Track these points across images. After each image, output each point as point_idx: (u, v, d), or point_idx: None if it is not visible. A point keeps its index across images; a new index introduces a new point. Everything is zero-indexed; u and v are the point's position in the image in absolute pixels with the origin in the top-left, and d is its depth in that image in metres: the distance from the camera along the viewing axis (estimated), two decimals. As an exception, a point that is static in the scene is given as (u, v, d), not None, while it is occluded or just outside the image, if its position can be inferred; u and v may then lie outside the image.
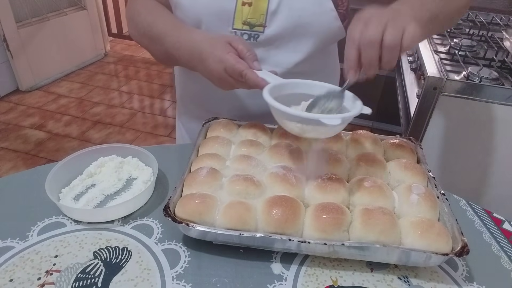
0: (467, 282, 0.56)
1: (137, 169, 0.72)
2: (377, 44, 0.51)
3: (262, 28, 0.74)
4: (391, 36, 0.51)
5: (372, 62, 0.53)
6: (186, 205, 0.57)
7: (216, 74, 0.65)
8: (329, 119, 0.53)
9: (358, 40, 0.52)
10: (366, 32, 0.52)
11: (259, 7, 0.73)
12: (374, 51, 0.52)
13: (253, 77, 0.61)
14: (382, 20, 0.52)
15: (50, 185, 0.63)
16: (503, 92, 1.14)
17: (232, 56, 0.63)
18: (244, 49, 0.64)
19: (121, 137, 2.48)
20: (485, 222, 0.68)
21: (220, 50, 0.63)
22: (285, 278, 0.54)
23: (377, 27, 0.51)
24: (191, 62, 0.69)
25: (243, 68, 0.62)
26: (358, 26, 0.53)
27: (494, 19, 1.73)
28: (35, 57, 2.94)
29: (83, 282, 0.53)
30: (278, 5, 0.72)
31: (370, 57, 0.52)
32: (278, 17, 0.73)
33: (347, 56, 0.55)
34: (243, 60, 0.63)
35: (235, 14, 0.74)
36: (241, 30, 0.75)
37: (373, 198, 0.59)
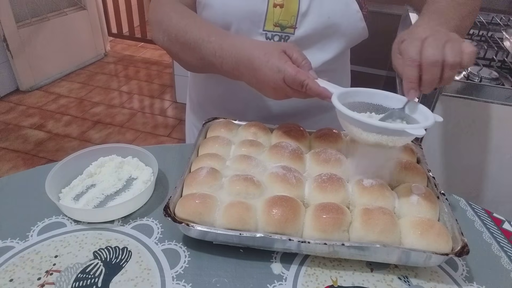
0: (467, 282, 0.56)
1: (137, 169, 0.72)
2: (440, 64, 0.53)
3: (293, 29, 0.75)
4: (452, 56, 0.53)
5: (434, 81, 0.54)
6: (186, 205, 0.57)
7: (272, 84, 0.61)
8: (414, 130, 0.53)
9: (419, 60, 0.54)
10: (427, 52, 0.53)
11: (291, 9, 0.73)
12: (437, 70, 0.54)
13: (315, 87, 0.59)
14: (441, 40, 0.54)
15: (50, 185, 0.63)
16: (503, 92, 1.13)
17: (290, 65, 0.60)
18: (300, 57, 0.62)
19: (121, 137, 2.48)
20: (485, 222, 0.68)
21: (277, 59, 0.60)
22: (285, 278, 0.54)
23: (438, 47, 0.53)
24: (238, 70, 0.65)
25: (304, 78, 0.59)
26: (415, 46, 0.54)
27: (494, 19, 1.73)
28: (35, 57, 2.94)
29: (83, 282, 0.53)
30: (308, 7, 0.73)
31: (433, 77, 0.54)
32: (309, 19, 0.74)
33: (408, 77, 0.55)
34: (302, 70, 0.60)
35: (267, 16, 0.74)
36: (272, 32, 0.75)
37: (373, 198, 0.59)
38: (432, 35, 0.55)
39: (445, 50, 0.53)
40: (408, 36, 0.57)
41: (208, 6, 0.75)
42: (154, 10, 0.76)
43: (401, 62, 0.57)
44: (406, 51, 0.56)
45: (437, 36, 0.55)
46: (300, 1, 0.73)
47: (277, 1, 0.73)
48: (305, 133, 0.75)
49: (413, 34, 0.57)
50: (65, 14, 3.17)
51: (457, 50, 0.53)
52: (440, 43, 0.54)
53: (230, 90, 0.73)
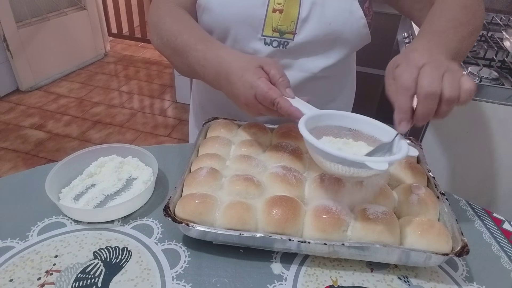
0: (467, 282, 0.56)
1: (137, 169, 0.72)
2: (437, 97, 0.48)
3: (292, 35, 0.74)
4: (451, 90, 0.48)
5: (429, 114, 0.49)
6: (186, 205, 0.57)
7: (244, 99, 0.60)
8: (375, 164, 0.47)
9: (414, 90, 0.49)
10: (424, 82, 0.48)
11: (290, 14, 0.72)
12: (433, 103, 0.48)
13: (286, 106, 0.56)
14: (439, 69, 0.49)
15: (50, 185, 0.63)
16: (503, 92, 1.13)
17: (263, 82, 0.58)
18: (277, 74, 0.60)
19: (121, 137, 2.48)
20: (485, 222, 0.68)
21: (251, 74, 0.59)
22: (285, 278, 0.54)
23: (435, 77, 0.48)
24: (217, 81, 0.65)
25: (276, 96, 0.57)
26: (410, 73, 0.49)
27: (494, 19, 1.73)
28: (35, 57, 2.93)
29: (83, 282, 0.53)
30: (309, 13, 0.72)
31: (429, 110, 0.49)
32: (309, 25, 0.73)
33: (401, 107, 0.50)
34: (275, 87, 0.58)
35: (266, 21, 0.73)
36: (270, 37, 0.74)
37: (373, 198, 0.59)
38: (430, 62, 0.50)
39: (443, 81, 0.48)
40: (404, 61, 0.52)
41: (207, 10, 0.75)
42: (151, 12, 0.77)
43: (394, 89, 0.52)
44: (401, 77, 0.50)
45: (435, 64, 0.49)
46: (300, 7, 0.72)
47: (277, 6, 0.72)
48: (305, 133, 0.74)
49: (410, 60, 0.51)
50: (65, 14, 3.17)
51: (456, 83, 0.48)
52: (438, 73, 0.48)
53: None
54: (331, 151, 0.49)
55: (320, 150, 0.51)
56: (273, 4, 0.72)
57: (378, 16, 0.80)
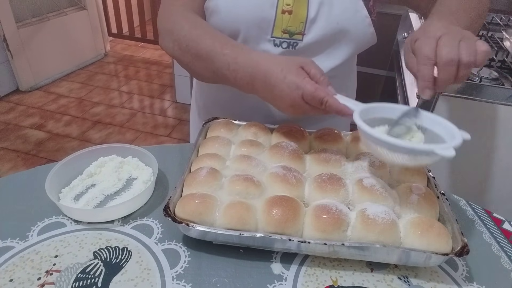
0: (467, 282, 0.56)
1: (137, 169, 0.72)
2: (456, 63, 0.52)
3: (301, 36, 0.74)
4: (467, 55, 0.52)
5: (450, 80, 0.54)
6: (186, 205, 0.57)
7: (290, 101, 0.60)
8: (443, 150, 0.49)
9: (434, 59, 0.53)
10: (443, 51, 0.52)
11: (299, 15, 0.73)
12: (453, 69, 0.53)
13: (335, 104, 0.58)
14: (455, 38, 0.53)
15: (50, 185, 0.63)
16: (503, 92, 1.13)
17: (309, 82, 0.59)
18: (318, 73, 0.61)
19: (121, 137, 2.48)
20: (485, 222, 0.68)
21: (295, 75, 0.59)
22: (285, 278, 0.54)
23: (453, 46, 0.52)
24: (252, 85, 0.63)
25: (324, 95, 0.58)
26: (430, 45, 0.54)
27: (494, 19, 1.73)
28: (35, 57, 2.94)
29: (83, 282, 0.53)
30: (317, 13, 0.72)
31: (449, 76, 0.53)
32: (317, 25, 0.73)
33: (424, 76, 0.54)
34: (321, 87, 0.59)
35: (275, 22, 0.73)
36: (280, 39, 0.74)
37: (373, 198, 0.59)
38: (447, 33, 0.54)
39: (460, 49, 0.52)
40: (422, 35, 0.56)
41: (215, 12, 0.74)
42: (164, 18, 0.74)
43: (415, 61, 0.56)
44: (421, 50, 0.54)
45: (451, 34, 0.54)
46: (308, 7, 0.72)
47: (286, 7, 0.72)
48: (305, 133, 0.75)
49: (427, 33, 0.56)
50: (65, 14, 3.17)
51: (472, 48, 0.53)
52: (455, 41, 0.53)
53: (238, 95, 0.71)
54: (400, 143, 0.51)
55: (387, 143, 0.52)
56: (282, 6, 0.72)
57: (378, 16, 0.80)
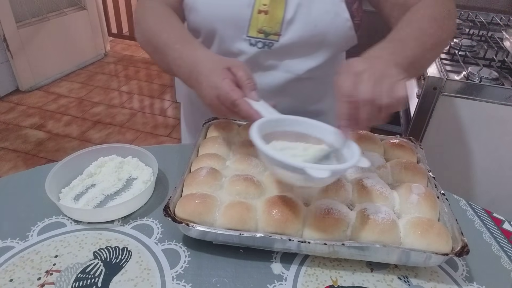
0: (467, 282, 0.56)
1: (137, 169, 0.72)
2: (375, 103, 0.49)
3: (277, 36, 0.74)
4: (386, 96, 0.49)
5: (371, 118, 0.51)
6: (186, 205, 0.57)
7: (208, 100, 0.61)
8: (315, 170, 0.46)
9: (351, 96, 0.50)
10: (360, 88, 0.49)
11: (275, 16, 0.72)
12: (373, 109, 0.50)
13: (246, 108, 0.57)
14: (375, 76, 0.50)
15: (50, 185, 0.63)
16: (503, 92, 1.13)
17: (227, 83, 0.58)
18: (244, 76, 0.60)
19: (121, 137, 2.48)
20: (485, 222, 0.68)
21: (217, 76, 0.59)
22: (285, 278, 0.54)
23: (370, 83, 0.49)
24: (189, 81, 0.66)
25: (237, 97, 0.57)
26: (349, 80, 0.50)
27: (494, 19, 1.73)
28: (35, 57, 2.93)
29: (83, 282, 0.53)
30: (294, 14, 0.72)
31: (369, 115, 0.50)
32: (294, 26, 0.73)
33: (341, 114, 0.52)
34: (239, 89, 0.59)
35: (251, 22, 0.73)
36: (255, 38, 0.74)
37: (373, 198, 0.59)
38: (368, 70, 0.51)
39: (379, 88, 0.49)
40: (344, 69, 0.53)
41: (194, 10, 0.75)
42: (137, 10, 0.78)
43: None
44: (339, 84, 0.51)
45: (371, 72, 0.50)
46: (285, 9, 0.72)
47: (262, 7, 0.72)
48: (305, 133, 0.74)
49: (349, 67, 0.52)
50: (65, 14, 3.17)
51: (392, 90, 0.50)
52: (375, 79, 0.50)
53: None
54: (273, 155, 0.48)
55: (264, 154, 0.50)
56: (259, 5, 0.72)
57: (378, 16, 0.80)
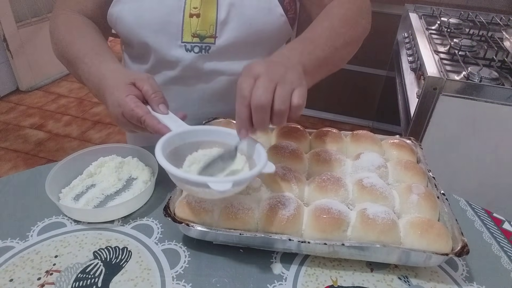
0: (467, 282, 0.56)
1: (137, 169, 0.72)
2: (268, 108, 0.49)
3: (213, 39, 0.72)
4: (280, 103, 0.49)
5: (263, 123, 0.51)
6: (186, 205, 0.57)
7: (115, 117, 0.59)
8: (217, 184, 0.47)
9: (249, 100, 0.49)
10: (256, 94, 0.49)
11: (208, 18, 0.71)
12: (264, 114, 0.50)
13: (153, 123, 0.55)
14: (272, 80, 0.49)
15: (50, 185, 0.63)
16: (503, 92, 1.14)
17: (131, 99, 0.56)
18: (150, 90, 0.58)
19: (121, 137, 2.47)
20: (485, 222, 0.68)
21: (121, 92, 0.57)
22: (285, 278, 0.54)
23: (266, 89, 0.49)
24: (98, 97, 0.64)
25: (142, 114, 0.56)
26: (247, 82, 0.50)
27: (494, 19, 1.73)
28: (35, 57, 2.93)
29: (83, 282, 0.53)
30: (227, 15, 0.71)
31: (261, 119, 0.50)
32: (229, 27, 0.72)
33: (239, 115, 0.51)
34: (143, 104, 0.58)
35: (183, 27, 0.71)
36: (191, 43, 0.73)
37: (373, 198, 0.59)
38: (266, 74, 0.50)
39: (275, 94, 0.49)
40: (245, 71, 0.52)
41: (120, 20, 0.72)
42: (50, 21, 0.75)
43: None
44: (238, 87, 0.51)
45: (269, 76, 0.50)
46: (218, 10, 0.71)
47: (193, 11, 0.70)
48: (305, 133, 0.75)
49: (249, 70, 0.51)
50: (65, 14, 3.17)
51: (286, 97, 0.49)
52: (271, 85, 0.49)
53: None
54: (177, 173, 0.49)
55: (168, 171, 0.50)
56: (189, 9, 0.70)
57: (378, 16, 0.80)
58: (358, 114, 2.58)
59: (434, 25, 1.68)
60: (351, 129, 0.76)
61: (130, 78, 0.60)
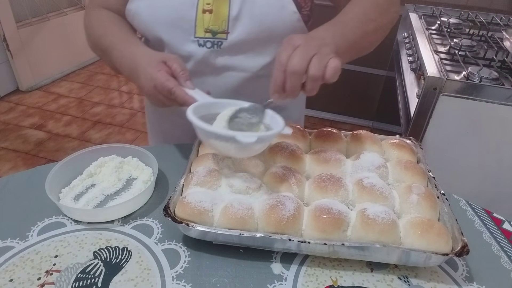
0: (467, 282, 0.56)
1: (137, 169, 0.72)
2: (301, 74, 0.54)
3: (225, 34, 0.73)
4: (315, 69, 0.54)
5: (295, 88, 0.56)
6: (186, 205, 0.57)
7: (147, 91, 0.65)
8: (244, 137, 0.54)
9: (285, 66, 0.55)
10: (293, 61, 0.54)
11: (220, 14, 0.72)
12: (298, 79, 0.55)
13: (182, 94, 0.61)
14: (309, 51, 0.55)
15: (50, 185, 0.63)
16: (503, 92, 1.13)
17: (162, 74, 0.62)
18: (178, 68, 0.64)
19: (121, 137, 2.47)
20: (485, 222, 0.68)
21: (152, 68, 0.63)
22: (285, 278, 0.54)
23: (303, 57, 0.54)
24: (131, 76, 0.70)
25: (172, 85, 0.61)
26: (286, 51, 0.56)
27: (494, 19, 1.73)
28: (35, 57, 2.93)
29: (83, 282, 0.53)
30: (239, 11, 0.72)
31: (294, 85, 0.56)
32: (241, 23, 0.72)
33: (274, 79, 0.57)
34: (173, 79, 0.63)
35: (196, 23, 0.73)
36: (203, 38, 0.74)
37: (373, 198, 0.59)
38: (304, 45, 0.56)
39: (311, 62, 0.54)
40: (285, 41, 0.58)
41: (137, 16, 0.75)
42: (84, 17, 0.83)
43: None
44: (279, 55, 0.57)
45: (307, 47, 0.55)
46: (230, 6, 0.72)
47: (206, 6, 0.72)
48: (305, 133, 0.75)
49: (290, 40, 0.58)
50: (65, 14, 3.17)
51: (322, 64, 0.54)
52: (308, 54, 0.54)
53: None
54: (206, 127, 0.56)
55: (200, 128, 0.56)
56: (203, 5, 0.72)
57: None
58: (358, 114, 2.58)
59: (434, 25, 1.68)
60: (351, 129, 0.76)
61: (161, 57, 0.66)
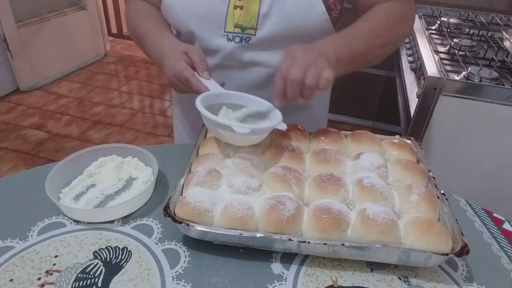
0: (467, 282, 0.56)
1: (137, 169, 0.72)
2: (298, 83, 0.62)
3: (254, 31, 0.75)
4: (309, 79, 0.61)
5: (294, 95, 0.63)
6: (186, 205, 0.57)
7: (168, 77, 0.72)
8: (239, 128, 0.62)
9: (285, 75, 0.62)
10: (291, 71, 0.62)
11: (251, 10, 0.74)
12: (296, 88, 0.62)
13: (196, 83, 0.67)
14: (305, 62, 0.62)
15: (50, 185, 0.63)
16: (503, 92, 1.13)
17: (182, 63, 0.69)
18: (198, 59, 0.70)
19: (121, 137, 2.47)
20: (485, 222, 0.68)
21: (174, 58, 0.70)
22: (285, 278, 0.54)
23: (300, 68, 0.62)
24: (158, 64, 0.76)
25: (189, 75, 0.67)
26: (286, 61, 0.63)
27: (494, 19, 1.73)
28: (35, 57, 2.93)
29: (83, 282, 0.53)
30: (269, 8, 0.73)
31: (293, 92, 0.63)
32: (270, 20, 0.74)
33: (275, 86, 0.64)
34: (191, 69, 0.69)
35: (227, 17, 0.75)
36: (232, 33, 0.76)
37: (373, 198, 0.59)
38: (302, 57, 0.63)
39: (306, 72, 0.61)
40: (286, 52, 0.65)
41: (171, 9, 0.78)
42: (125, 8, 0.91)
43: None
44: (279, 65, 0.64)
45: (304, 59, 0.62)
46: (261, 3, 0.73)
47: (238, 2, 0.74)
48: (305, 133, 0.75)
49: (290, 52, 0.65)
50: (65, 14, 3.17)
51: (316, 74, 0.61)
52: (304, 65, 0.62)
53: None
54: (207, 114, 0.61)
55: (203, 115, 0.62)
56: (234, 1, 0.74)
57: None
58: (358, 114, 2.58)
59: (434, 25, 1.68)
60: (351, 129, 0.76)
61: (183, 48, 0.72)
